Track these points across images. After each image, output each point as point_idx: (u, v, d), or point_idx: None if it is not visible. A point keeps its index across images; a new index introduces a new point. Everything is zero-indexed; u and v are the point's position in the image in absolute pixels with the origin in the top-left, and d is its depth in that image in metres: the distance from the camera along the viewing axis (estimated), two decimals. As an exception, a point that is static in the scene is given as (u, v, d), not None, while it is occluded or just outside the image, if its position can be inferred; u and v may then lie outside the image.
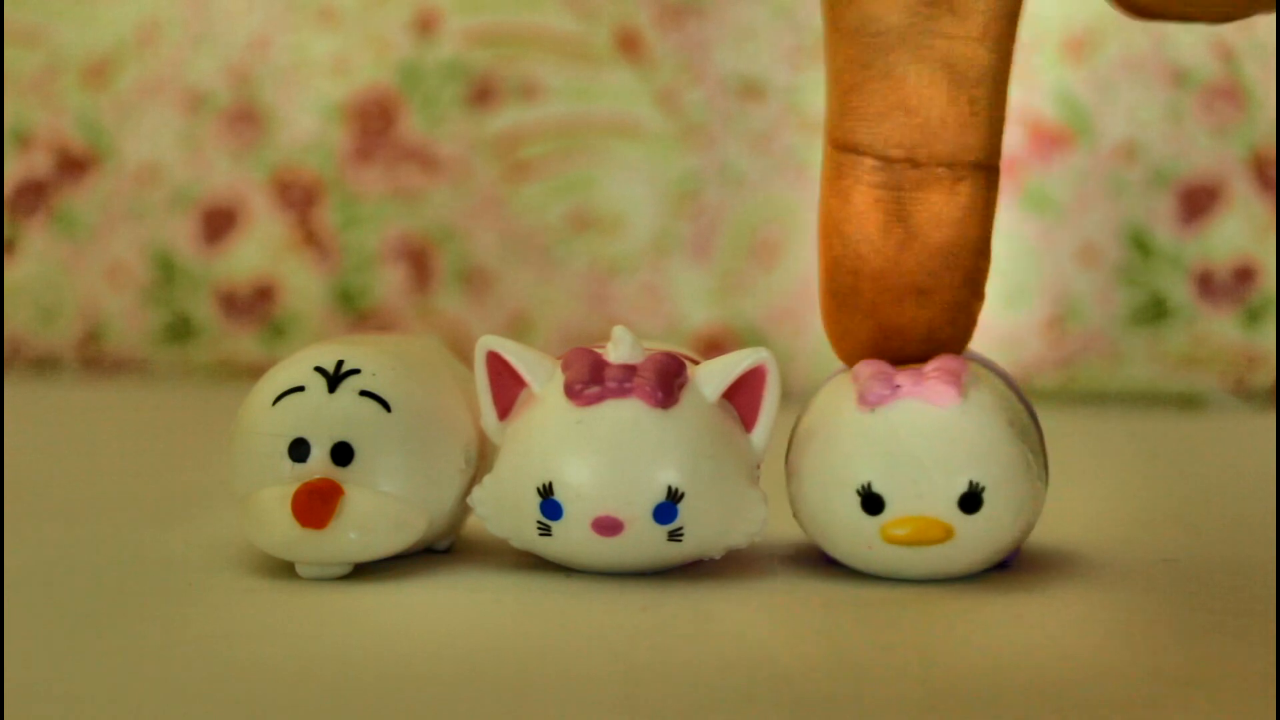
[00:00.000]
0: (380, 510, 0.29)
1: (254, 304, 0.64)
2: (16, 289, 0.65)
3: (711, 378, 0.30)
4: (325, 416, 0.29)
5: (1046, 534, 0.31)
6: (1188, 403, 0.60)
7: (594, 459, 0.28)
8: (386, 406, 0.30)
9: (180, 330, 0.64)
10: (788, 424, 0.31)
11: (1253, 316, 0.60)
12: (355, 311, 0.63)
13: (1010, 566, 0.31)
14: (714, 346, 0.61)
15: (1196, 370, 0.60)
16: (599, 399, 0.29)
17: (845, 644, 0.26)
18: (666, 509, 0.28)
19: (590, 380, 0.29)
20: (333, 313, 0.63)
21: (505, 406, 0.30)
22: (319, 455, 0.29)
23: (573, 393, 0.29)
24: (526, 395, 0.30)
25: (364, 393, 0.30)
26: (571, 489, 0.28)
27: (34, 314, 0.65)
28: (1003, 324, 0.61)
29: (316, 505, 0.28)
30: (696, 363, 0.30)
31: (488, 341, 0.30)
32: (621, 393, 0.29)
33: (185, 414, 0.57)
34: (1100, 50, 0.61)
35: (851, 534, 0.29)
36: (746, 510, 0.29)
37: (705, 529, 0.29)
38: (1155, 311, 0.60)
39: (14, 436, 0.47)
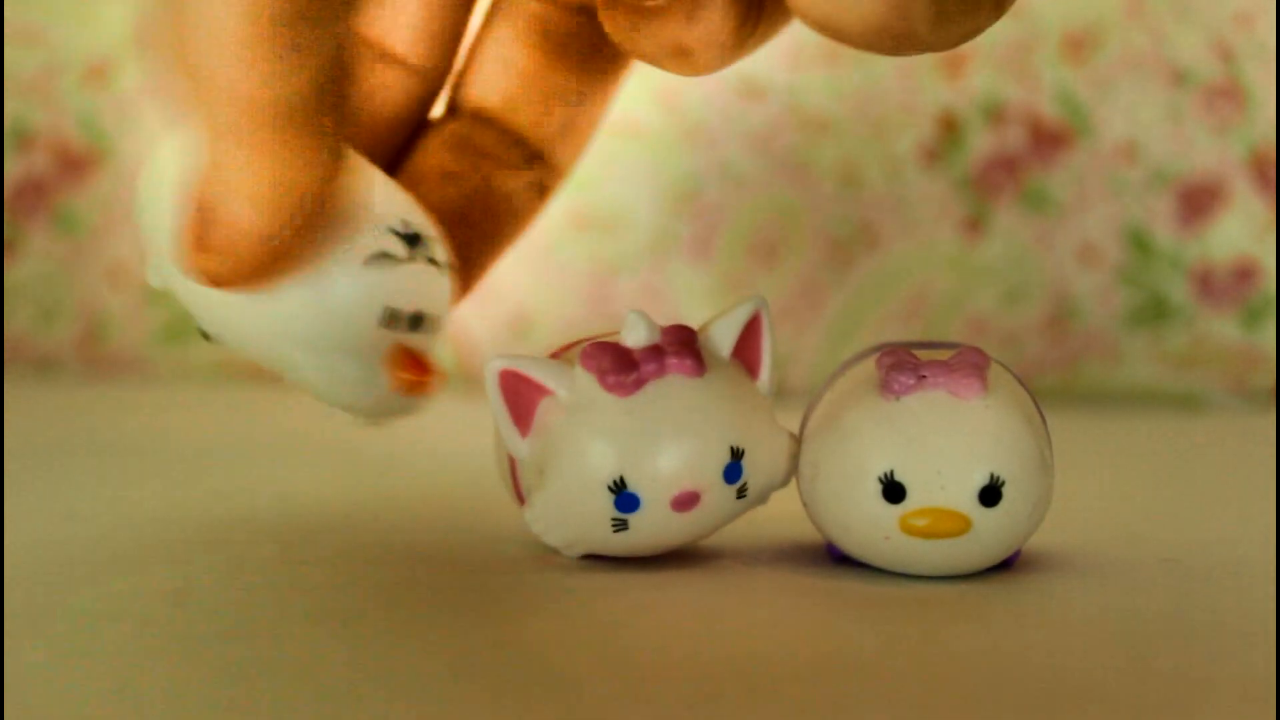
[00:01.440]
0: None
1: (254, 304, 0.63)
2: (16, 289, 0.65)
3: (722, 336, 0.30)
4: (409, 287, 0.30)
5: (1047, 533, 0.31)
6: (1188, 403, 0.60)
7: (660, 441, 0.29)
8: (442, 270, 0.30)
9: (181, 330, 0.64)
10: (784, 420, 0.31)
11: (1253, 316, 0.60)
12: (355, 311, 0.63)
13: (1012, 565, 0.31)
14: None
15: (1196, 370, 0.60)
16: (640, 385, 0.29)
17: (847, 642, 0.26)
18: (734, 468, 0.29)
19: (625, 369, 0.29)
20: (333, 313, 0.63)
21: (525, 423, 0.30)
22: (404, 323, 0.30)
23: (612, 385, 0.29)
24: (550, 405, 0.30)
25: (430, 260, 0.30)
26: (647, 476, 0.29)
27: (34, 314, 0.65)
28: (1003, 324, 0.61)
29: (422, 366, 0.30)
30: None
31: (499, 362, 0.30)
32: (659, 373, 0.29)
33: (185, 414, 0.57)
34: (1100, 50, 0.61)
35: (870, 523, 0.29)
36: (783, 449, 0.30)
37: (760, 477, 0.30)
38: (1155, 311, 0.60)
39: (14, 437, 0.47)
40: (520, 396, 0.30)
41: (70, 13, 0.65)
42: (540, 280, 0.62)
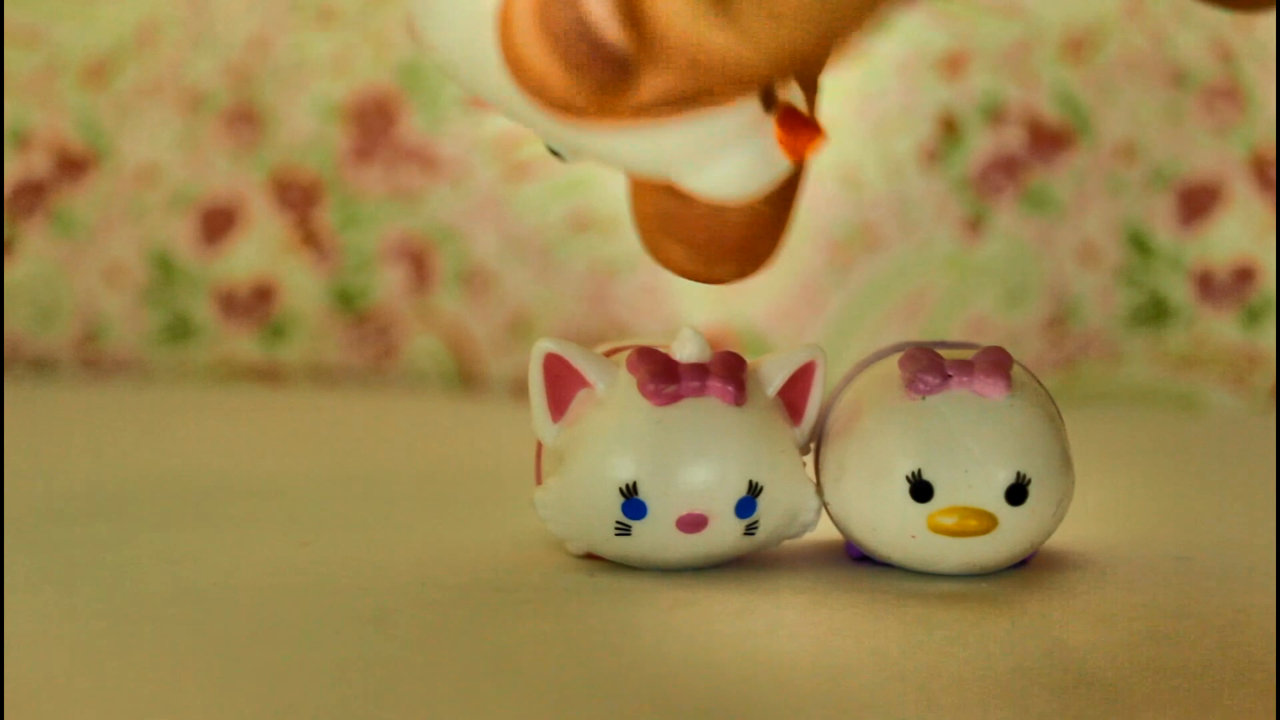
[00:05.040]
0: None
1: (253, 304, 0.63)
2: (15, 289, 0.64)
3: (772, 374, 0.30)
4: None
5: (1058, 532, 0.32)
6: (1188, 403, 0.60)
7: (681, 458, 0.29)
8: None
9: (179, 331, 0.64)
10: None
11: (1253, 316, 0.60)
12: (355, 311, 0.63)
13: (1028, 563, 0.31)
14: (714, 347, 0.61)
15: (1196, 370, 0.60)
16: (676, 398, 0.29)
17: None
18: (747, 503, 0.29)
19: (667, 380, 0.29)
20: (332, 313, 0.63)
21: (559, 409, 0.30)
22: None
23: (650, 392, 0.29)
24: (586, 397, 0.30)
25: None
26: (659, 488, 0.29)
27: (32, 314, 0.64)
28: (1003, 324, 0.61)
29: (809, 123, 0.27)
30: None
31: (546, 344, 0.30)
32: (699, 391, 0.29)
33: (184, 414, 0.57)
34: (1100, 50, 0.61)
35: (897, 522, 0.29)
36: (805, 501, 0.30)
37: (775, 520, 0.30)
38: (1155, 311, 0.60)
39: (12, 437, 0.47)
40: (560, 382, 0.30)
41: (70, 13, 0.65)
42: (540, 280, 0.62)
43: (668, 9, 0.22)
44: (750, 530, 0.29)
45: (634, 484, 0.29)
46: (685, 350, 0.30)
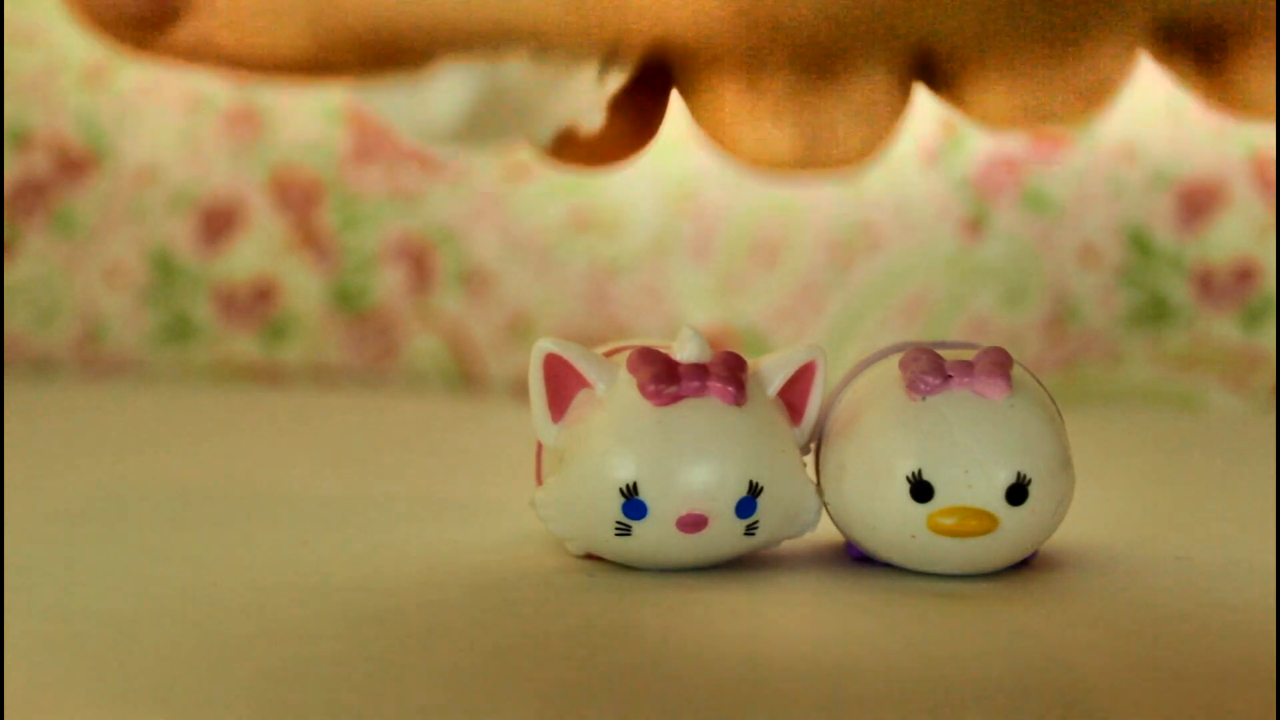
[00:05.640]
0: None
1: (253, 304, 0.63)
2: (15, 289, 0.64)
3: (773, 374, 0.30)
4: None
5: (1059, 532, 0.32)
6: (1188, 403, 0.60)
7: (681, 458, 0.29)
8: None
9: (179, 331, 0.64)
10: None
11: (1253, 317, 0.60)
12: (355, 311, 0.63)
13: (1029, 563, 0.31)
14: (714, 347, 0.61)
15: (1196, 370, 0.60)
16: (677, 398, 0.29)
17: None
18: (747, 503, 0.29)
19: (667, 380, 0.29)
20: (332, 313, 0.63)
21: (559, 409, 0.30)
22: None
23: (650, 393, 0.29)
24: (586, 397, 0.30)
25: None
26: (659, 488, 0.29)
27: (32, 314, 0.64)
28: (1003, 324, 0.61)
29: None
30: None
31: (546, 344, 0.30)
32: (699, 392, 0.29)
33: (184, 414, 0.57)
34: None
35: (897, 522, 0.29)
36: (805, 501, 0.30)
37: (775, 520, 0.30)
38: (1155, 311, 0.60)
39: (12, 437, 0.47)
40: (560, 382, 0.30)
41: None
42: (540, 280, 0.62)
43: None
44: (750, 530, 0.29)
45: (634, 484, 0.29)
46: (685, 350, 0.30)
